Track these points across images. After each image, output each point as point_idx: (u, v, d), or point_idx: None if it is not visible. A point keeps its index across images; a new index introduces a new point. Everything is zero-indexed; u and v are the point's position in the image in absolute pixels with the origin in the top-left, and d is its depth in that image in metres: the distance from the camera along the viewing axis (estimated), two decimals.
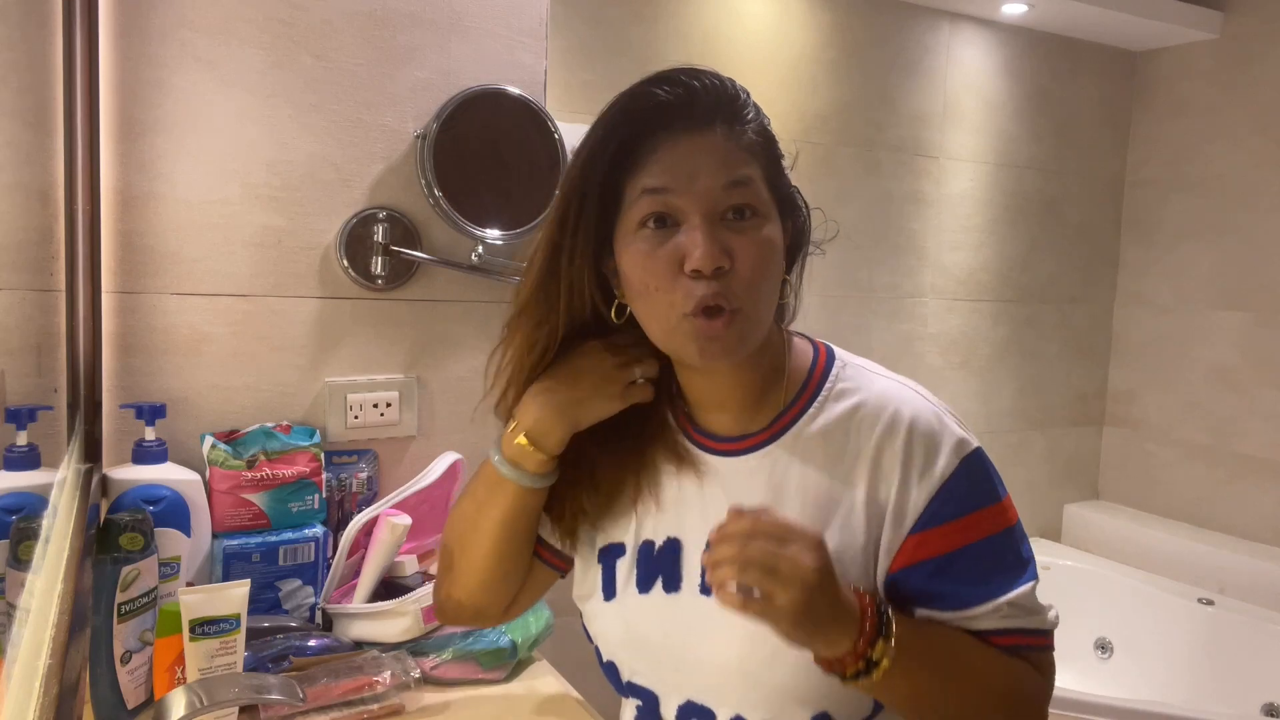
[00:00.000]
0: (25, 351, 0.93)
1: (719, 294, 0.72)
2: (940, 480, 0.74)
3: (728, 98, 0.76)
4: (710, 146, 0.74)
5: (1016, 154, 2.56)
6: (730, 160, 0.74)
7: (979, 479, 0.75)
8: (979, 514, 0.74)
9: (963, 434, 0.76)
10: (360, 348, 1.30)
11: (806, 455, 0.78)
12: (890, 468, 0.75)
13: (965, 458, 0.75)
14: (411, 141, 1.30)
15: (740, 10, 2.11)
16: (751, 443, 0.81)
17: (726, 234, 0.73)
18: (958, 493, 0.74)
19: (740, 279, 0.73)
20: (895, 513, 0.75)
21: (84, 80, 1.05)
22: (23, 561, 0.67)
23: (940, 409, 0.78)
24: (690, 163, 0.73)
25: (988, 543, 0.74)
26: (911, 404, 0.77)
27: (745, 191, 0.74)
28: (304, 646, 1.06)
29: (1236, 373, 2.48)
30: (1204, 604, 2.32)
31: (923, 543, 0.74)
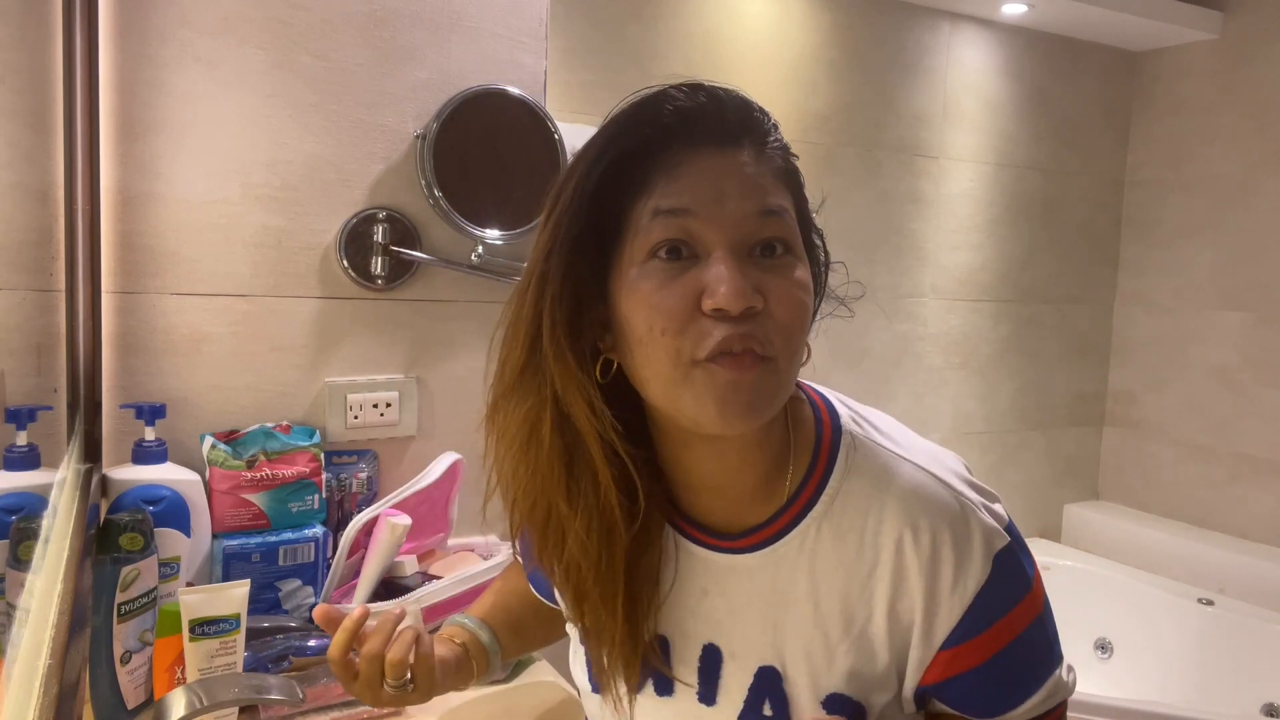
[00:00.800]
0: (25, 351, 0.93)
1: (748, 336, 0.59)
2: (974, 593, 0.65)
3: (756, 118, 0.64)
4: (739, 167, 0.61)
5: (1016, 154, 2.55)
6: (764, 185, 0.62)
7: (1011, 575, 0.66)
8: (1014, 613, 0.66)
9: (990, 524, 0.66)
10: (360, 348, 1.30)
11: (817, 557, 0.67)
12: (915, 583, 0.65)
13: (997, 557, 0.65)
14: (411, 141, 1.30)
15: (740, 10, 2.11)
16: (753, 540, 0.68)
17: (757, 271, 0.60)
18: (993, 600, 0.65)
19: (776, 323, 0.60)
20: (923, 630, 0.66)
21: (84, 80, 1.05)
22: (23, 561, 0.67)
23: (965, 497, 0.66)
24: (718, 182, 0.60)
25: (1024, 639, 0.67)
26: (935, 503, 0.65)
27: (780, 224, 0.61)
28: (304, 646, 1.06)
29: (1236, 373, 2.48)
30: (1204, 604, 2.32)
31: (957, 657, 0.66)
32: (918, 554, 0.65)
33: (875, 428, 0.71)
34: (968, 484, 0.68)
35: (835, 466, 0.68)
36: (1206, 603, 2.32)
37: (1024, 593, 0.67)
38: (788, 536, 0.68)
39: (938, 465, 0.68)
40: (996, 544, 0.65)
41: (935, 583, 0.65)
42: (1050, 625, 0.70)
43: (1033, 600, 0.67)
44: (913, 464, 0.68)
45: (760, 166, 0.62)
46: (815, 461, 0.68)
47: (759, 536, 0.68)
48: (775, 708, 0.69)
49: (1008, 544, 0.66)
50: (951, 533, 0.65)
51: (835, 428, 0.70)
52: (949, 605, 0.65)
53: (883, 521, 0.66)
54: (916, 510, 0.65)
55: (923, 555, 0.65)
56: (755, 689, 0.70)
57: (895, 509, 0.66)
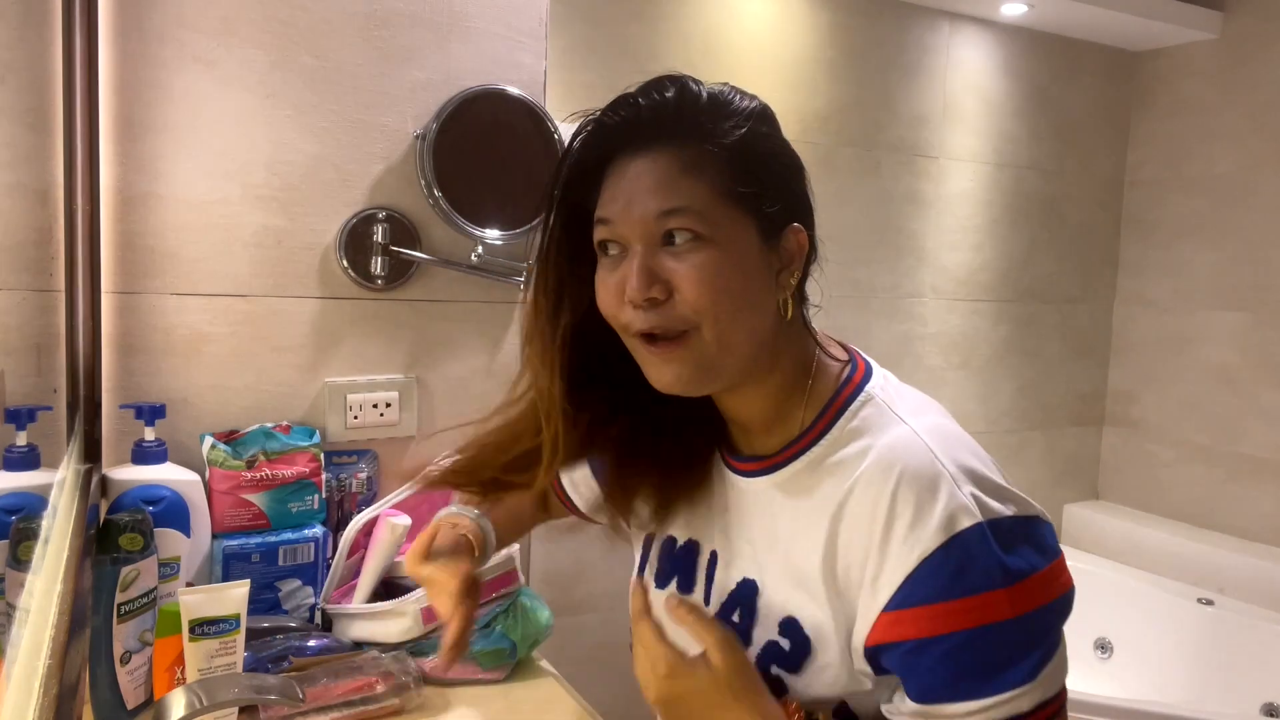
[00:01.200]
0: (25, 351, 0.93)
1: (655, 325, 0.70)
2: (918, 558, 0.65)
3: (676, 113, 0.72)
4: (647, 170, 0.71)
5: (1016, 154, 2.55)
6: (667, 183, 0.70)
7: (970, 560, 0.65)
8: (968, 602, 0.64)
9: (963, 502, 0.66)
10: (360, 348, 1.30)
11: (806, 491, 0.74)
12: (873, 531, 0.68)
13: (958, 535, 0.65)
14: (411, 141, 1.30)
15: (740, 10, 2.11)
16: (763, 465, 0.78)
17: (668, 261, 0.70)
18: (940, 575, 0.65)
19: (685, 304, 0.70)
20: (871, 580, 0.68)
21: (84, 80, 1.05)
22: (22, 562, 0.67)
23: (946, 469, 0.68)
24: (629, 189, 0.71)
25: (976, 637, 0.64)
26: (914, 461, 0.68)
27: (681, 217, 0.70)
28: (304, 647, 1.06)
29: (1236, 373, 2.48)
30: (1204, 604, 2.32)
31: (895, 623, 0.67)
32: (880, 502, 0.68)
33: (901, 399, 0.76)
34: (968, 472, 0.68)
35: (843, 416, 0.74)
36: (1206, 603, 2.32)
37: (986, 587, 0.64)
38: (786, 468, 0.76)
39: (940, 441, 0.70)
40: (961, 522, 0.65)
41: (888, 534, 0.67)
42: (1028, 642, 0.65)
43: (1000, 603, 0.64)
44: (911, 429, 0.71)
45: (673, 163, 0.70)
46: (827, 409, 0.75)
47: (765, 464, 0.77)
48: (743, 617, 0.77)
49: (976, 529, 0.65)
50: (915, 491, 0.67)
51: (859, 387, 0.76)
52: (894, 563, 0.67)
53: (861, 468, 0.70)
54: (890, 461, 0.69)
55: (883, 504, 0.67)
56: (733, 596, 0.79)
57: (874, 457, 0.70)
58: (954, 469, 0.68)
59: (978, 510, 0.66)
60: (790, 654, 0.73)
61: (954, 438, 0.72)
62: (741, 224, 0.71)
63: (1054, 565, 0.67)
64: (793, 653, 0.73)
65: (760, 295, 0.72)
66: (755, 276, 0.72)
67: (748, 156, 0.72)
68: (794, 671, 0.73)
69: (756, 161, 0.72)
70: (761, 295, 0.72)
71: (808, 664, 0.72)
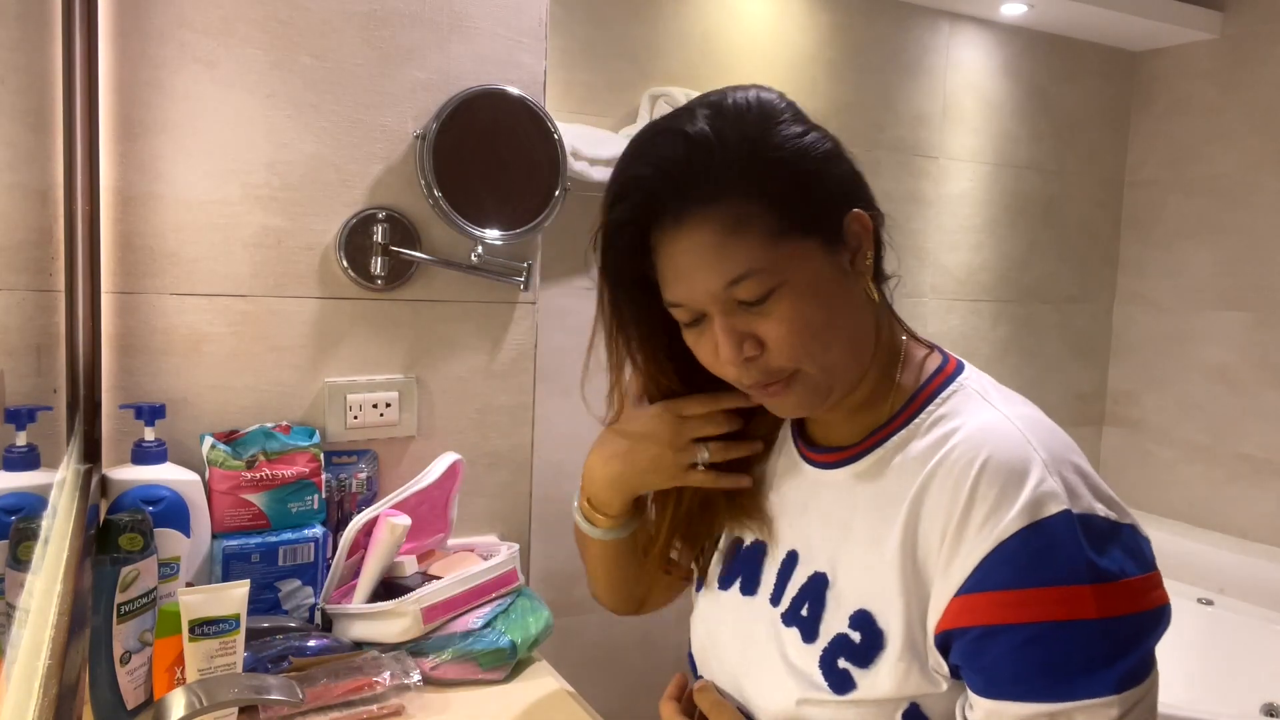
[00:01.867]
0: (25, 351, 0.92)
1: (759, 378, 0.72)
2: (998, 538, 0.62)
3: (691, 172, 0.69)
4: (691, 246, 0.69)
5: (1016, 154, 2.55)
6: (717, 255, 0.68)
7: (1054, 548, 0.61)
8: (1044, 593, 0.60)
9: (1053, 488, 0.62)
10: (360, 348, 1.30)
11: (886, 480, 0.72)
12: (953, 509, 0.65)
13: (1038, 521, 0.61)
14: (411, 141, 1.30)
15: (740, 11, 2.11)
16: (842, 456, 0.77)
17: (750, 319, 0.70)
18: (1019, 559, 0.61)
19: (780, 355, 0.70)
20: (946, 560, 0.65)
21: (84, 81, 1.05)
22: (22, 562, 0.67)
23: (1039, 453, 0.64)
24: (683, 269, 0.70)
25: (1047, 632, 0.60)
26: (1004, 444, 0.65)
27: (746, 286, 0.68)
28: (303, 647, 1.06)
29: (1236, 373, 2.48)
30: (1204, 604, 2.32)
31: (966, 607, 0.64)
32: (962, 485, 0.65)
33: (997, 389, 0.74)
34: (1065, 462, 0.64)
35: (929, 406, 0.73)
36: (1206, 603, 2.32)
37: (1070, 580, 0.60)
38: (867, 457, 0.74)
39: (1035, 429, 0.67)
40: (1049, 507, 0.61)
41: (968, 516, 0.64)
42: (1112, 652, 0.60)
43: (1084, 599, 0.60)
44: (1003, 415, 0.69)
45: (712, 231, 0.68)
46: (915, 397, 0.74)
47: (847, 454, 0.76)
48: (811, 609, 0.75)
49: (1064, 516, 0.61)
50: (1003, 475, 0.63)
51: (950, 377, 0.75)
52: (971, 545, 0.63)
53: (944, 450, 0.68)
54: (978, 443, 0.66)
55: (965, 486, 0.65)
56: (804, 589, 0.76)
57: (960, 439, 0.68)
58: (1047, 455, 0.64)
59: (1068, 499, 0.62)
60: (860, 647, 0.70)
61: (1051, 430, 0.68)
62: (803, 250, 0.70)
63: (1149, 577, 0.63)
64: (863, 646, 0.70)
65: (846, 305, 0.72)
66: (836, 291, 0.71)
67: (777, 178, 0.69)
68: (863, 665, 0.70)
69: (787, 176, 0.69)
70: (846, 301, 0.72)
71: (878, 659, 0.69)
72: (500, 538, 1.41)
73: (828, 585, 0.75)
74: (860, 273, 0.73)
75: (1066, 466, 0.64)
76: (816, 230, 0.70)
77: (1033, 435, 0.66)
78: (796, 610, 0.76)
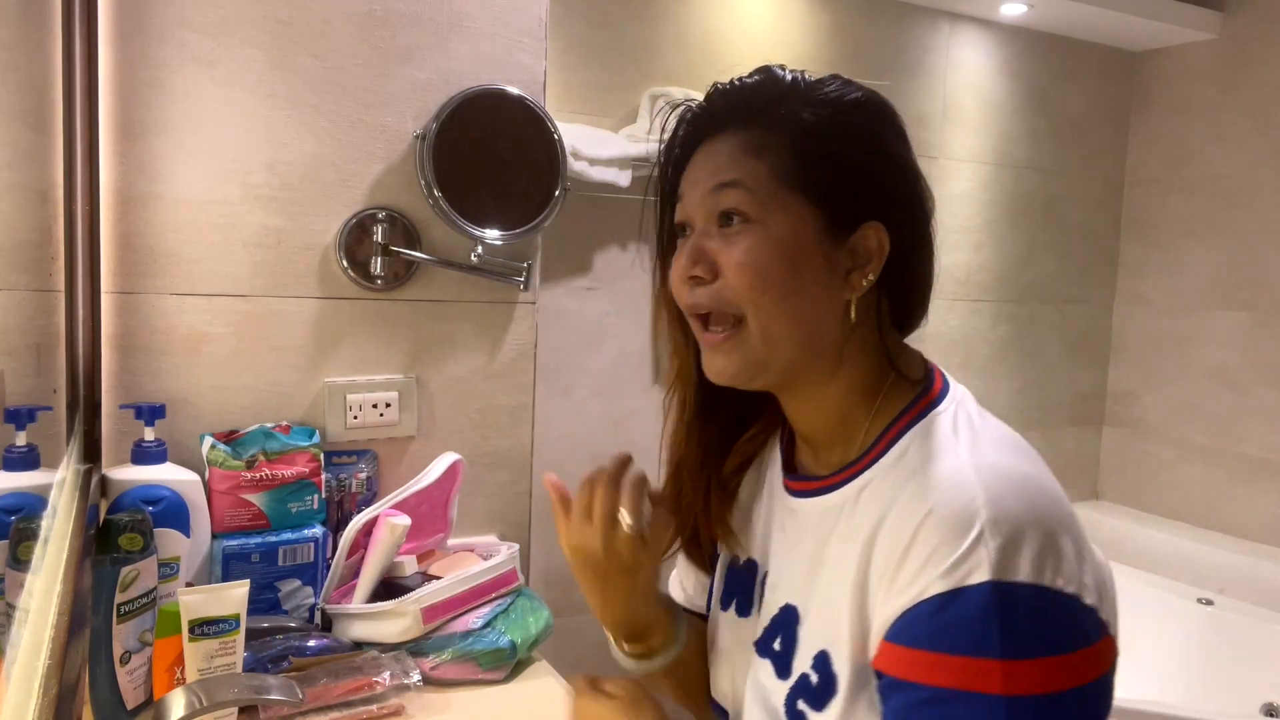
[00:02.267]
0: (25, 351, 0.93)
1: (701, 303, 0.71)
2: (917, 596, 0.60)
3: (753, 97, 0.71)
4: (716, 149, 0.71)
5: (1016, 154, 2.55)
6: (726, 163, 0.70)
7: (969, 619, 0.57)
8: (948, 660, 0.58)
9: (991, 559, 0.58)
10: (359, 348, 1.30)
11: (854, 518, 0.69)
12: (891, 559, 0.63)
13: (959, 589, 0.58)
14: (411, 141, 1.30)
15: (740, 11, 2.11)
16: (816, 486, 0.74)
17: (718, 242, 0.70)
18: (929, 621, 0.59)
19: (728, 288, 0.69)
20: (883, 604, 0.63)
21: (84, 81, 1.05)
22: (22, 562, 0.67)
23: (984, 516, 0.59)
24: (697, 168, 0.72)
25: (942, 695, 0.58)
26: (950, 499, 0.61)
27: (730, 195, 0.69)
28: (303, 647, 1.06)
29: (1236, 373, 2.48)
30: (1204, 604, 2.32)
31: (887, 652, 0.62)
32: (903, 533, 0.62)
33: (969, 427, 0.69)
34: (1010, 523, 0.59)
35: (900, 441, 0.69)
36: (1206, 603, 2.32)
37: (975, 651, 0.57)
38: (838, 490, 0.71)
39: (993, 482, 0.62)
40: (974, 576, 0.58)
41: (905, 560, 0.61)
42: None
43: (990, 674, 0.57)
44: (963, 463, 0.64)
45: (737, 143, 0.70)
46: (889, 429, 0.70)
47: (819, 484, 0.73)
48: (784, 644, 0.73)
49: (987, 588, 0.57)
50: (940, 530, 0.60)
51: (926, 410, 0.70)
52: (902, 591, 0.61)
53: (901, 495, 0.64)
54: (927, 491, 0.62)
55: (905, 535, 0.62)
56: (775, 622, 0.75)
57: (914, 486, 0.64)
58: (992, 515, 0.59)
59: (997, 568, 0.58)
60: (817, 689, 0.68)
61: (1014, 480, 0.62)
62: (799, 212, 0.69)
63: (1075, 655, 0.59)
64: (819, 688, 0.68)
65: (815, 288, 0.69)
66: (809, 268, 0.69)
67: (819, 141, 0.69)
68: (818, 709, 0.67)
69: (830, 147, 0.69)
70: (817, 289, 0.69)
71: (830, 702, 0.66)
72: (500, 538, 1.41)
73: (798, 621, 0.72)
74: (852, 286, 0.70)
75: (1008, 526, 0.59)
76: (823, 205, 0.69)
77: (985, 491, 0.60)
78: (769, 642, 0.74)
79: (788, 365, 0.71)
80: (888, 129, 0.73)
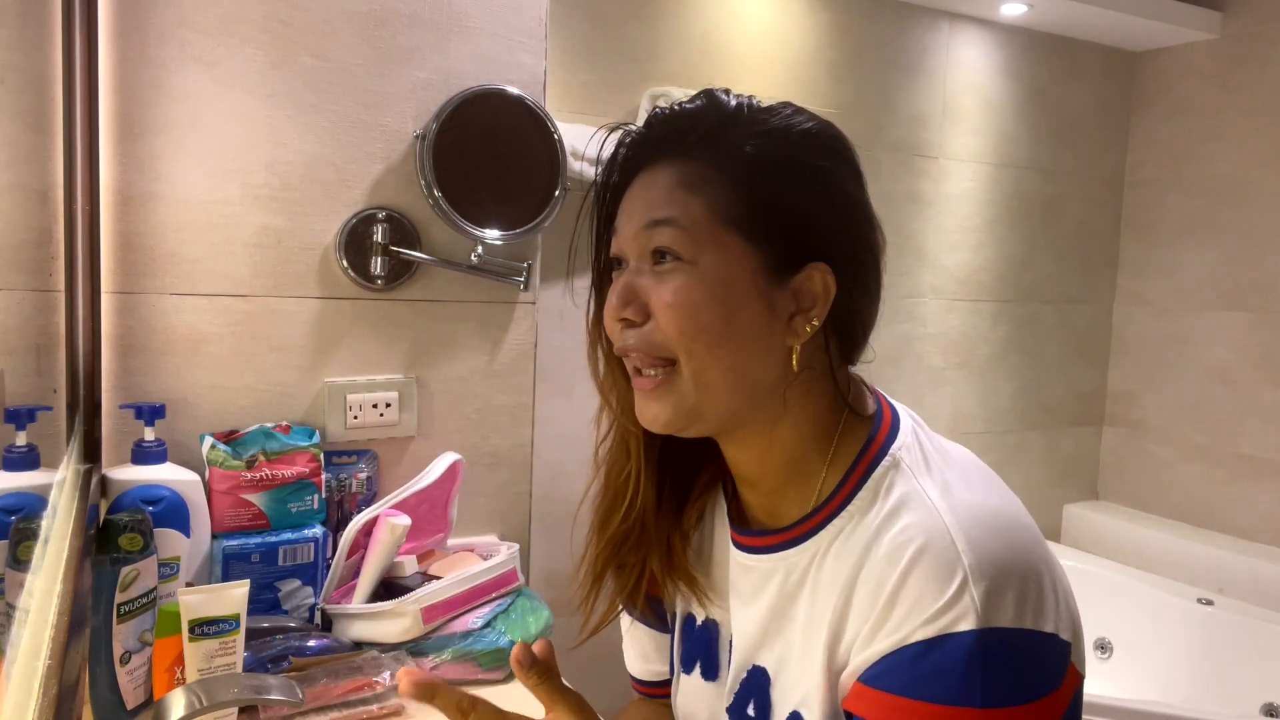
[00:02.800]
0: (25, 351, 0.93)
1: (632, 346, 0.67)
2: (901, 641, 0.58)
3: (692, 125, 0.67)
4: (650, 181, 0.67)
5: (1016, 154, 2.55)
6: (661, 197, 0.66)
7: (945, 667, 0.57)
8: (925, 707, 0.57)
9: (967, 607, 0.57)
10: (360, 348, 1.30)
11: (821, 573, 0.66)
12: (874, 606, 0.61)
13: (944, 636, 0.57)
14: (411, 141, 1.30)
15: (740, 10, 2.11)
16: (776, 540, 0.69)
17: (650, 282, 0.66)
18: (910, 668, 0.58)
19: (660, 331, 0.65)
20: (862, 648, 0.61)
21: (84, 81, 1.05)
22: (22, 562, 0.67)
23: (966, 561, 0.58)
24: (631, 200, 0.68)
25: None
26: (933, 547, 0.59)
27: (663, 233, 0.65)
28: (303, 647, 1.06)
29: (1236, 373, 2.48)
30: (1204, 604, 2.32)
31: (863, 697, 0.60)
32: (888, 580, 0.60)
33: (929, 462, 0.66)
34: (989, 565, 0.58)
35: (865, 485, 0.65)
36: (1206, 603, 2.32)
37: (956, 700, 0.56)
38: (803, 544, 0.67)
39: (969, 524, 0.60)
40: (959, 624, 0.57)
41: (889, 611, 0.60)
42: None
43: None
44: (935, 507, 0.62)
45: (673, 176, 0.66)
46: (848, 477, 0.67)
47: (779, 538, 0.69)
48: (757, 709, 0.70)
49: (971, 637, 0.56)
50: (924, 578, 0.59)
51: (884, 448, 0.67)
52: (882, 638, 0.60)
53: (879, 546, 0.62)
54: (906, 541, 0.61)
55: (890, 583, 0.60)
56: (745, 685, 0.71)
57: (892, 538, 0.62)
58: (974, 560, 0.58)
59: (982, 615, 0.57)
60: None
61: (989, 521, 0.61)
62: (735, 252, 0.65)
63: (1048, 700, 0.58)
64: None
65: (750, 336, 0.65)
66: (744, 314, 0.64)
67: (761, 177, 0.65)
68: None
69: (773, 185, 0.65)
70: (753, 336, 0.65)
71: None
72: (500, 538, 1.41)
73: (769, 682, 0.70)
74: (794, 332, 0.66)
75: (992, 570, 0.58)
76: (762, 246, 0.65)
77: (963, 535, 0.59)
78: (743, 707, 0.71)
79: (724, 414, 0.67)
80: (839, 163, 0.69)
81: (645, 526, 0.76)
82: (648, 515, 0.76)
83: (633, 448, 0.75)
